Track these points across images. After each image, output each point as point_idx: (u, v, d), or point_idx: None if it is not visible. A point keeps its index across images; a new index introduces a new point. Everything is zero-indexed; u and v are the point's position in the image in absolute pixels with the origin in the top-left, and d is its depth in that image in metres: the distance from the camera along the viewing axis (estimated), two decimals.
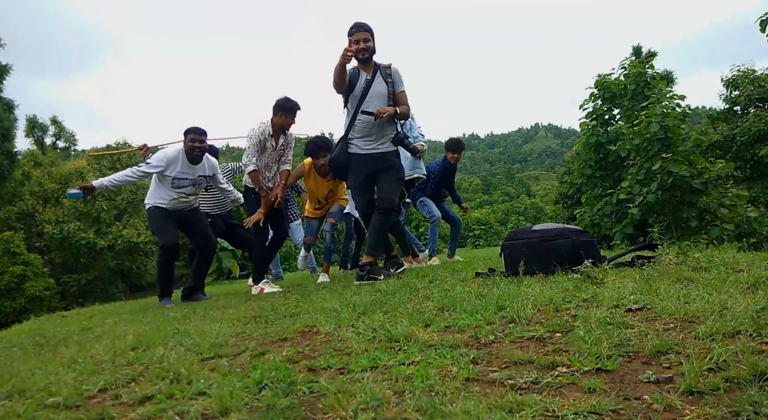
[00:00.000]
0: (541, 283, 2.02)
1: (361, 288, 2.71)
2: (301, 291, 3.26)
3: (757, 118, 13.59)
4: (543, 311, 1.54)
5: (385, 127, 3.38)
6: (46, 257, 21.58)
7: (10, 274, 17.92)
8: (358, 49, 3.22)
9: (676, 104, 6.93)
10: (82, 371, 1.47)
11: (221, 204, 5.18)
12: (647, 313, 1.40)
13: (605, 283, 1.87)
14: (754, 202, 11.25)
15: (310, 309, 2.16)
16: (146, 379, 1.31)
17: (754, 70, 14.49)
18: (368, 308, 1.95)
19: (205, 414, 1.02)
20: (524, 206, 55.05)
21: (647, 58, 9.91)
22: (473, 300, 1.79)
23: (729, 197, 6.20)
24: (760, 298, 1.40)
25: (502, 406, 0.89)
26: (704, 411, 0.82)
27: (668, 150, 6.20)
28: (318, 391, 1.08)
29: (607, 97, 9.13)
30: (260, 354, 1.48)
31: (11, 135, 17.85)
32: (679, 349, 1.10)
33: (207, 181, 4.12)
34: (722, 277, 1.75)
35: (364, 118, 3.32)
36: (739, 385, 0.90)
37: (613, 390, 0.95)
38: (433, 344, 1.32)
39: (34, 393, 1.28)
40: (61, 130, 33.33)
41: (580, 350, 1.14)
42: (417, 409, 0.91)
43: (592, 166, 8.75)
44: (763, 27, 5.00)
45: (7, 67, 17.64)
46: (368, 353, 1.30)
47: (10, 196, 22.02)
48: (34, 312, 14.67)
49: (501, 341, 1.31)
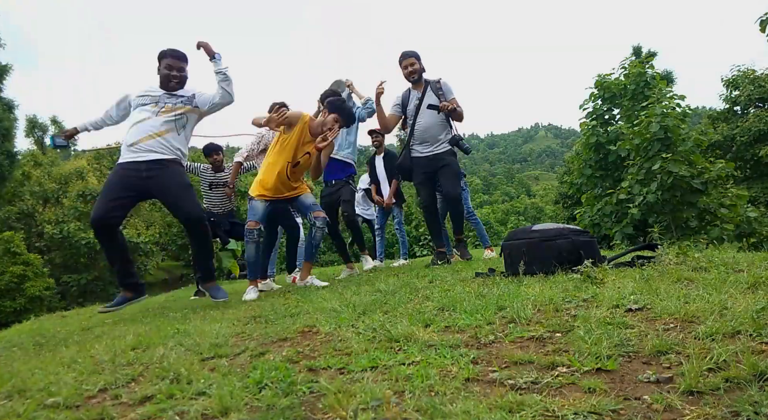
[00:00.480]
0: (541, 283, 2.02)
1: (361, 288, 2.71)
2: (301, 291, 3.26)
3: (757, 118, 13.59)
4: (543, 311, 1.54)
5: (439, 131, 3.90)
6: (46, 257, 21.58)
7: (10, 274, 17.92)
8: (408, 73, 3.87)
9: (676, 104, 6.94)
10: (82, 371, 1.47)
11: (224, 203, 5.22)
12: (647, 313, 1.40)
13: (605, 283, 1.87)
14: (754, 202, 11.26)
15: (310, 309, 2.16)
16: (146, 379, 1.31)
17: (754, 70, 14.49)
18: (368, 308, 1.95)
19: (205, 414, 1.02)
20: (524, 206, 55.00)
21: (647, 58, 9.90)
22: (473, 300, 1.79)
23: (729, 197, 6.21)
24: (760, 298, 1.40)
25: (502, 406, 0.89)
26: (704, 411, 0.82)
27: (668, 150, 6.20)
28: (318, 391, 1.08)
29: (607, 97, 9.14)
30: (260, 354, 1.48)
31: (11, 135, 17.84)
32: (679, 349, 1.10)
33: (177, 103, 3.14)
34: (722, 277, 1.75)
35: (421, 127, 3.90)
36: (739, 385, 0.90)
37: (613, 390, 0.95)
38: (433, 344, 1.32)
39: (34, 393, 1.28)
40: (61, 130, 33.28)
41: (580, 350, 1.15)
42: (417, 409, 0.91)
43: (592, 166, 8.77)
44: (763, 27, 5.01)
45: (7, 67, 17.64)
46: (368, 353, 1.30)
47: (10, 196, 22.02)
48: (34, 312, 14.69)
49: (501, 341, 1.31)
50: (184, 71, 3.16)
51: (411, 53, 3.88)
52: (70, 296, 21.58)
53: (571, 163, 14.02)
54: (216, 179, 5.27)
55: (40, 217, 22.95)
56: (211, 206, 5.32)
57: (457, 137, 3.91)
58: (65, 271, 22.58)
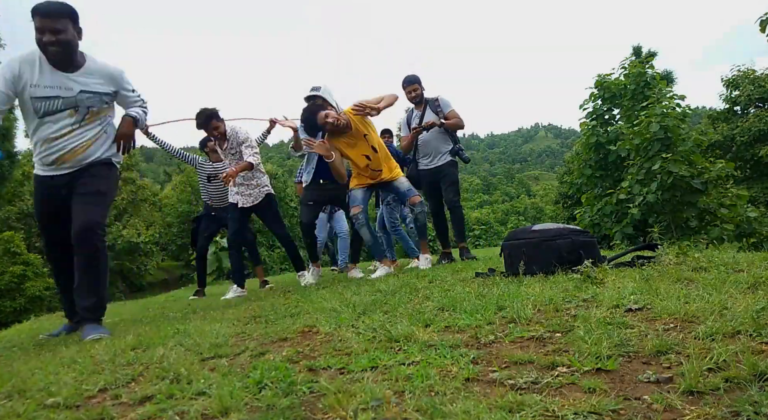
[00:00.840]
0: (541, 283, 2.02)
1: (361, 288, 2.71)
2: (302, 291, 3.26)
3: (757, 118, 13.60)
4: (543, 311, 1.54)
5: (440, 145, 4.29)
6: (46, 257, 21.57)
7: (10, 274, 17.94)
8: (412, 98, 4.33)
9: (676, 104, 6.93)
10: (82, 371, 1.47)
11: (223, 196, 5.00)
12: (647, 313, 1.40)
13: (605, 283, 1.87)
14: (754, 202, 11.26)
15: (310, 309, 2.16)
16: (146, 379, 1.31)
17: (754, 70, 14.50)
18: (368, 308, 1.95)
19: (205, 414, 1.02)
20: (524, 206, 55.03)
21: (647, 58, 9.91)
22: (473, 300, 1.79)
23: (729, 197, 6.20)
24: (760, 298, 1.40)
25: (502, 406, 0.89)
26: (704, 411, 0.82)
27: (668, 150, 6.20)
28: (318, 391, 1.08)
29: (607, 97, 9.14)
30: (260, 354, 1.48)
31: (11, 135, 17.83)
32: (679, 349, 1.10)
33: (102, 101, 2.46)
34: (722, 277, 1.75)
35: (423, 142, 4.32)
36: (739, 385, 0.90)
37: (613, 390, 0.95)
38: (433, 344, 1.32)
39: (34, 393, 1.27)
40: None
41: (580, 350, 1.15)
42: (417, 409, 0.91)
43: (592, 166, 8.77)
44: (763, 27, 5.01)
45: None
46: (368, 353, 1.30)
47: (10, 196, 22.03)
48: (34, 312, 14.70)
49: (501, 341, 1.31)
50: (62, 33, 2.30)
51: (414, 79, 4.33)
52: None
53: (571, 163, 14.02)
54: (214, 170, 5.02)
55: None
56: (209, 200, 5.14)
57: (456, 148, 4.31)
58: None
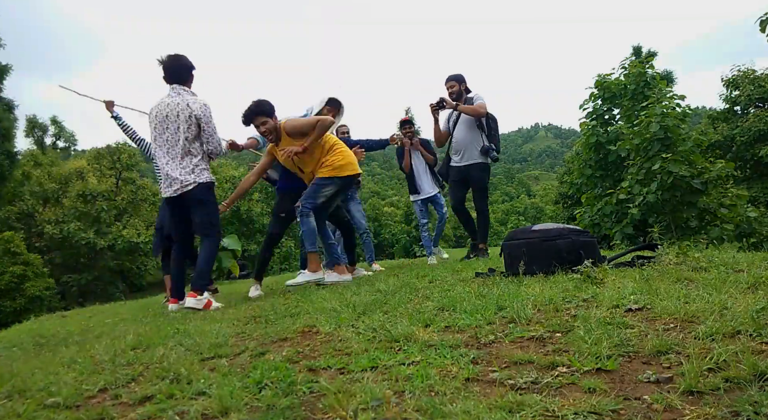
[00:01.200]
0: (541, 283, 2.02)
1: (361, 288, 2.71)
2: (302, 291, 3.26)
3: (757, 118, 13.58)
4: (543, 311, 1.54)
5: (471, 144, 4.39)
6: (46, 257, 21.59)
7: (10, 274, 17.94)
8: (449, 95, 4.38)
9: (676, 104, 6.92)
10: (82, 371, 1.47)
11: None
12: (647, 313, 1.40)
13: (605, 283, 1.87)
14: (754, 202, 11.25)
15: (310, 309, 2.16)
16: (146, 379, 1.31)
17: (754, 70, 14.48)
18: (368, 308, 1.95)
19: (205, 414, 1.02)
20: (524, 206, 55.01)
21: (647, 58, 9.90)
22: (473, 300, 1.79)
23: (729, 197, 6.20)
24: (760, 298, 1.40)
25: (502, 406, 0.89)
26: (704, 411, 0.82)
27: (668, 150, 6.19)
28: (318, 391, 1.08)
29: (607, 97, 9.12)
30: (260, 354, 1.48)
31: (11, 135, 17.86)
32: (679, 349, 1.10)
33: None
34: (722, 277, 1.75)
35: (455, 139, 4.48)
36: (739, 385, 0.90)
37: (613, 390, 0.95)
38: (433, 344, 1.32)
39: (34, 393, 1.28)
40: (61, 130, 33.35)
41: (580, 350, 1.14)
42: (417, 409, 0.91)
43: (592, 166, 8.75)
44: (763, 27, 5.00)
45: (8, 67, 17.64)
46: (368, 353, 1.30)
47: (10, 196, 22.03)
48: (34, 312, 14.68)
49: (501, 341, 1.31)
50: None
51: (453, 77, 4.49)
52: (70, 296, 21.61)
53: (571, 163, 14.01)
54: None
55: (40, 217, 22.96)
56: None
57: (486, 147, 4.36)
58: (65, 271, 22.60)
